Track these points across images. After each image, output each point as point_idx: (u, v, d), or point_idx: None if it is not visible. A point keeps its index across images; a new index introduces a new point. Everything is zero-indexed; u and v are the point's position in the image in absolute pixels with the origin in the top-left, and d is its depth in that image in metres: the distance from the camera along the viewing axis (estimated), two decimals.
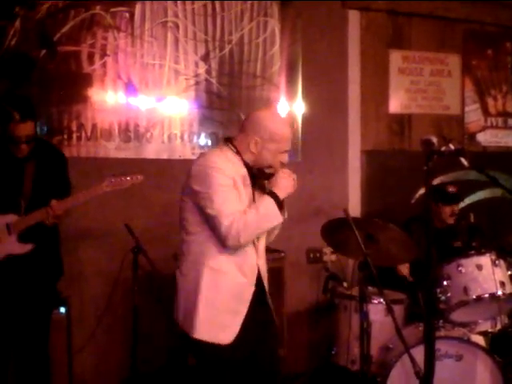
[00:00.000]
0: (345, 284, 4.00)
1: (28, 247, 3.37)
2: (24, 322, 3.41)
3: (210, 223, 2.68)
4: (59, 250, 3.65)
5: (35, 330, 3.45)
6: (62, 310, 3.92)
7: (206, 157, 2.76)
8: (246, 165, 2.77)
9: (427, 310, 2.61)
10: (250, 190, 2.79)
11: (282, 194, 2.71)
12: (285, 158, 2.80)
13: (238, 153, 2.77)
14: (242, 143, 2.77)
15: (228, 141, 2.82)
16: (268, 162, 2.77)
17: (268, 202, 2.67)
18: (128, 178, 3.45)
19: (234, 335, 2.71)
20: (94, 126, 4.38)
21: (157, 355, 4.36)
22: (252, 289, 2.78)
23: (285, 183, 2.72)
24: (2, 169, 3.41)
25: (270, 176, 2.78)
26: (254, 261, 2.80)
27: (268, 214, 2.67)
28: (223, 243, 2.67)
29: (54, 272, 3.58)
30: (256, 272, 2.80)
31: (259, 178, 2.84)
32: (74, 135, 4.33)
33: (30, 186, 3.40)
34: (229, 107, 4.70)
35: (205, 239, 2.73)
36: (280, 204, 2.69)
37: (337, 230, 3.30)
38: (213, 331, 2.71)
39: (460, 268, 3.64)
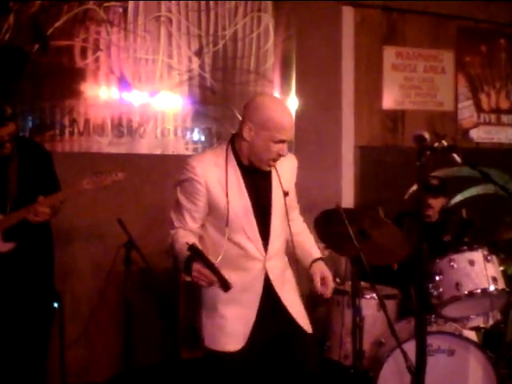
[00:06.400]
0: (337, 279, 4.00)
1: (10, 246, 3.34)
2: (20, 319, 3.41)
3: None
4: (51, 247, 3.61)
5: (32, 328, 3.43)
6: (55, 304, 3.91)
7: (191, 157, 2.70)
8: (240, 164, 2.63)
9: (419, 305, 2.61)
10: (239, 185, 2.63)
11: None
12: (281, 148, 2.58)
13: (234, 151, 2.65)
14: (240, 131, 2.64)
15: (233, 136, 2.71)
16: (261, 152, 2.59)
17: (184, 252, 2.51)
18: (108, 176, 3.41)
19: (242, 343, 2.61)
20: (87, 120, 4.37)
21: (150, 350, 4.36)
22: (256, 295, 2.64)
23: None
24: None
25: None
26: (259, 263, 2.66)
27: (179, 258, 2.58)
28: None
29: (44, 269, 3.54)
30: (262, 277, 2.65)
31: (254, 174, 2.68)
32: (67, 130, 4.32)
33: (15, 185, 3.37)
34: (222, 102, 4.70)
35: (207, 237, 2.69)
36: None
37: (330, 224, 3.29)
38: (218, 339, 2.63)
39: (452, 263, 3.65)
